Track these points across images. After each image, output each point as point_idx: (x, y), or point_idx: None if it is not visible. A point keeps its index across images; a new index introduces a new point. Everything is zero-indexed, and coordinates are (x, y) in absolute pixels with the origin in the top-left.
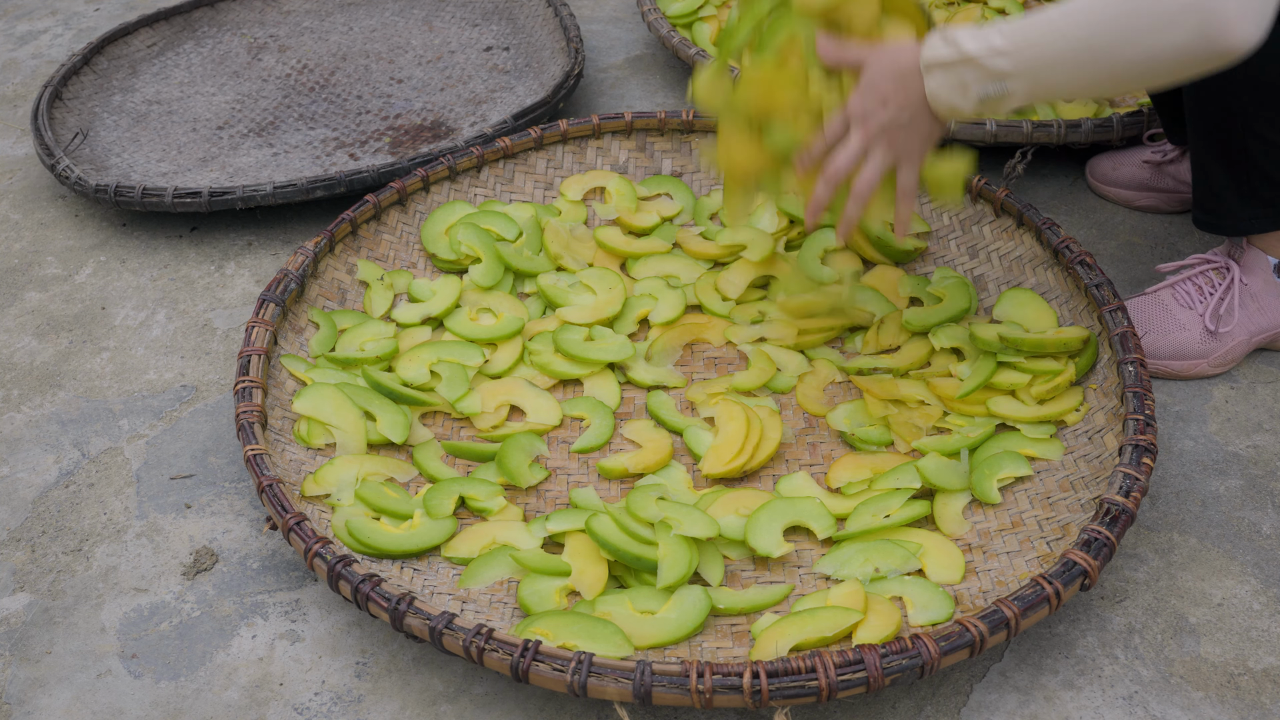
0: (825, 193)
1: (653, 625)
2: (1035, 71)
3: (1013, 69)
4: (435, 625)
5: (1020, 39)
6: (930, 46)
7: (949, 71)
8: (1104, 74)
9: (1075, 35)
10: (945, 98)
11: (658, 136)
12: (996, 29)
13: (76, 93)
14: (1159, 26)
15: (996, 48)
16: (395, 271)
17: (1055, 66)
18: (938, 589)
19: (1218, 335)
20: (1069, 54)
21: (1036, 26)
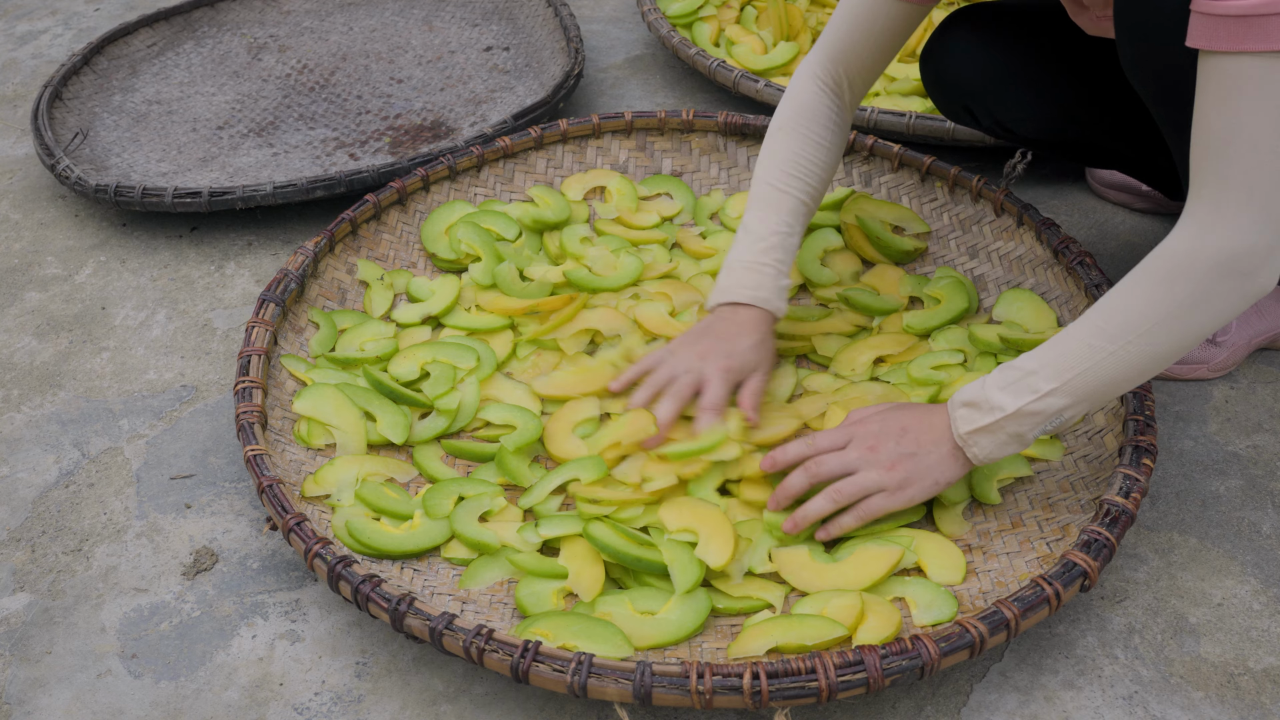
0: (800, 485)
1: (653, 626)
2: (1091, 392)
3: (1070, 400)
4: (435, 626)
5: (1063, 371)
6: (962, 419)
7: (994, 432)
8: (1157, 363)
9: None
10: (1001, 453)
11: (658, 136)
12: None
13: (76, 93)
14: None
15: (1043, 390)
16: (395, 271)
17: (1116, 382)
18: (940, 589)
19: (1216, 341)
20: (1129, 369)
21: (1075, 354)
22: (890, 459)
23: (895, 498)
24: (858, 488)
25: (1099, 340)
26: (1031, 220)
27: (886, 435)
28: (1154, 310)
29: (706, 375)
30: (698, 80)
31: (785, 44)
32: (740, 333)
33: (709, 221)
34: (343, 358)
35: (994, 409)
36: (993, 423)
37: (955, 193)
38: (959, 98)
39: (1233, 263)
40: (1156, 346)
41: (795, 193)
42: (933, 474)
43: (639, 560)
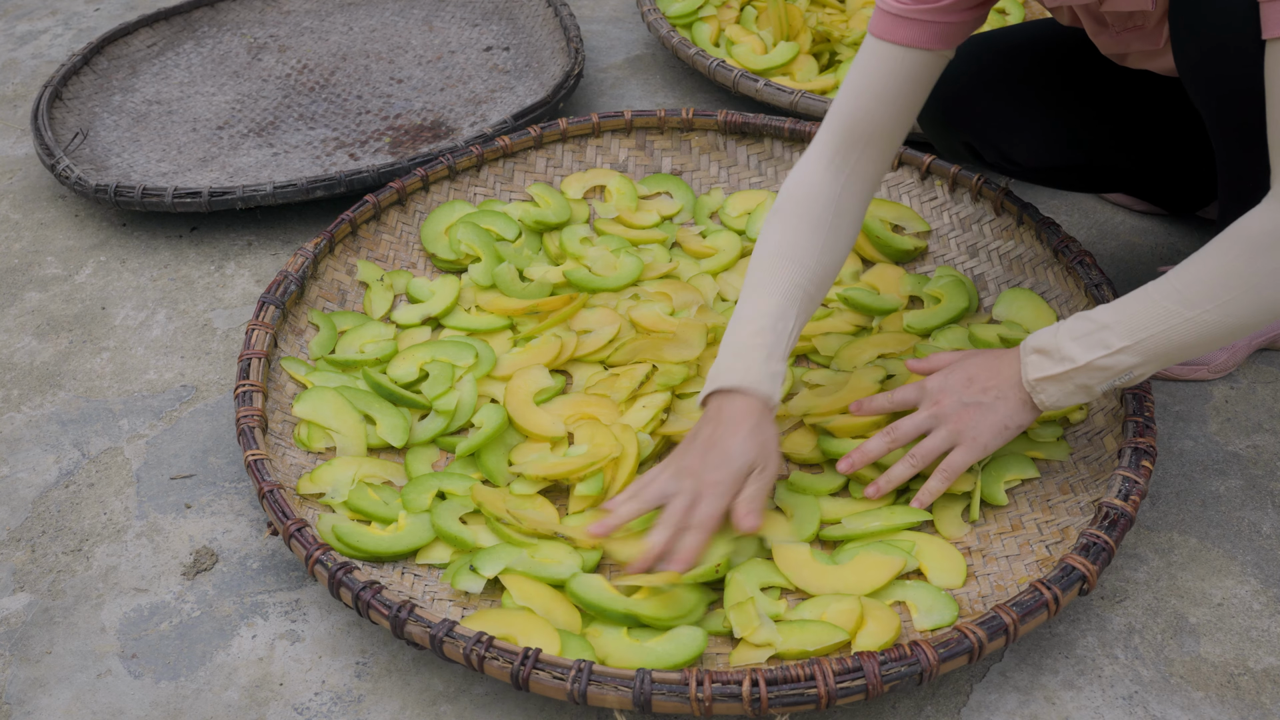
0: (879, 449)
1: (638, 653)
2: (1161, 353)
3: (1139, 359)
4: (436, 633)
5: (1137, 329)
6: (1033, 365)
7: (1063, 381)
8: (1225, 335)
9: (1193, 314)
10: (1068, 401)
11: (657, 135)
12: (1100, 326)
13: (76, 93)
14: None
15: (1114, 346)
16: (395, 272)
17: (1179, 345)
18: (940, 593)
19: None
20: (1191, 331)
21: (1150, 313)
22: (957, 409)
23: (970, 450)
24: (931, 450)
25: (1176, 305)
26: (1031, 220)
27: (952, 389)
28: (1234, 281)
29: (700, 493)
30: (698, 80)
31: (785, 44)
32: (729, 432)
33: (709, 220)
34: (342, 360)
35: (1065, 359)
36: (1063, 372)
37: (955, 192)
38: (958, 133)
39: None
40: (1231, 318)
41: (788, 276)
42: (1002, 420)
43: (628, 616)
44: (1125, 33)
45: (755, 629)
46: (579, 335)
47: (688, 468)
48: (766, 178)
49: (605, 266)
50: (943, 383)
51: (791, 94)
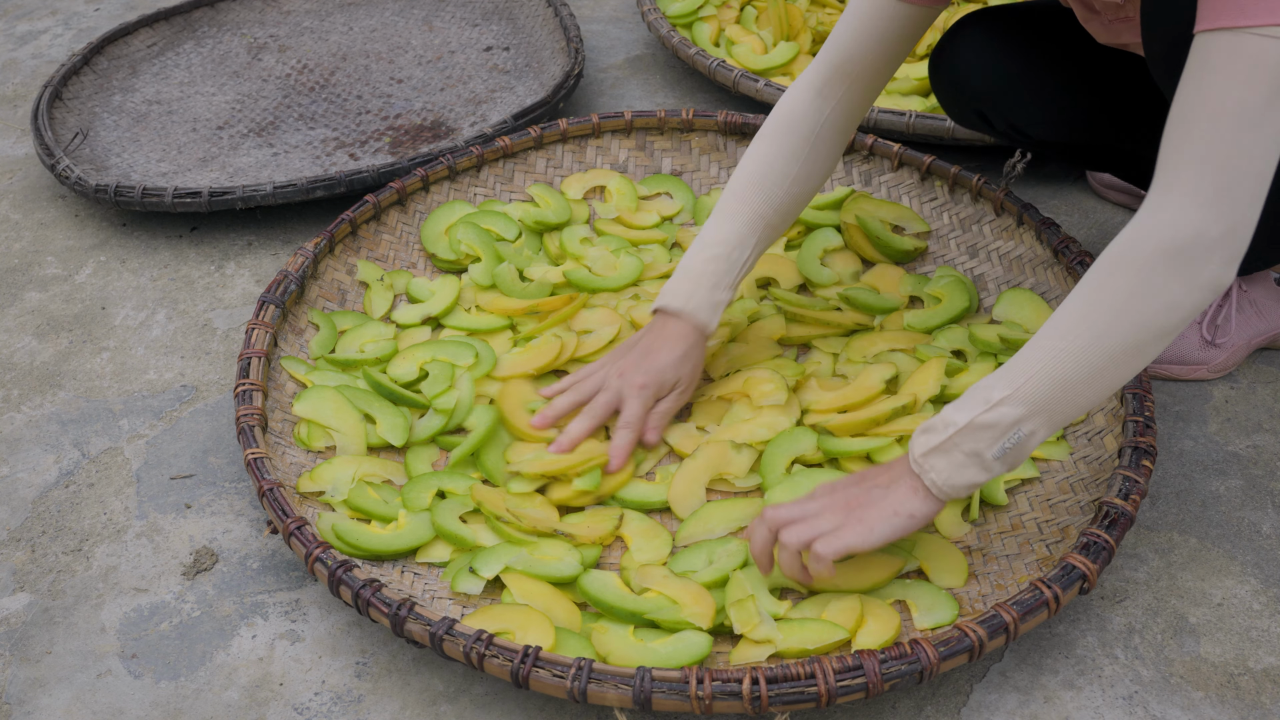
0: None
1: (639, 653)
2: (1051, 400)
3: (1025, 409)
4: (436, 631)
5: (1017, 378)
6: (919, 444)
7: (948, 451)
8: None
9: (1082, 348)
10: (960, 478)
11: (657, 135)
12: (984, 386)
13: (76, 93)
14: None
15: (996, 399)
16: (395, 272)
17: (1071, 385)
18: (941, 592)
19: (1215, 344)
20: (1081, 368)
21: (1030, 358)
22: (845, 501)
23: (853, 532)
24: (809, 531)
25: (1051, 339)
26: (1031, 220)
27: (842, 485)
28: (1100, 303)
29: (625, 393)
30: (698, 80)
31: (785, 44)
32: (664, 347)
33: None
34: (342, 359)
35: (947, 425)
36: (944, 440)
37: (955, 192)
38: (971, 101)
39: (1175, 251)
40: (1107, 342)
41: (755, 204)
42: (892, 506)
43: (635, 615)
44: (1115, 22)
45: (755, 626)
46: (579, 335)
47: (621, 368)
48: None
49: (605, 267)
50: (832, 485)
51: None
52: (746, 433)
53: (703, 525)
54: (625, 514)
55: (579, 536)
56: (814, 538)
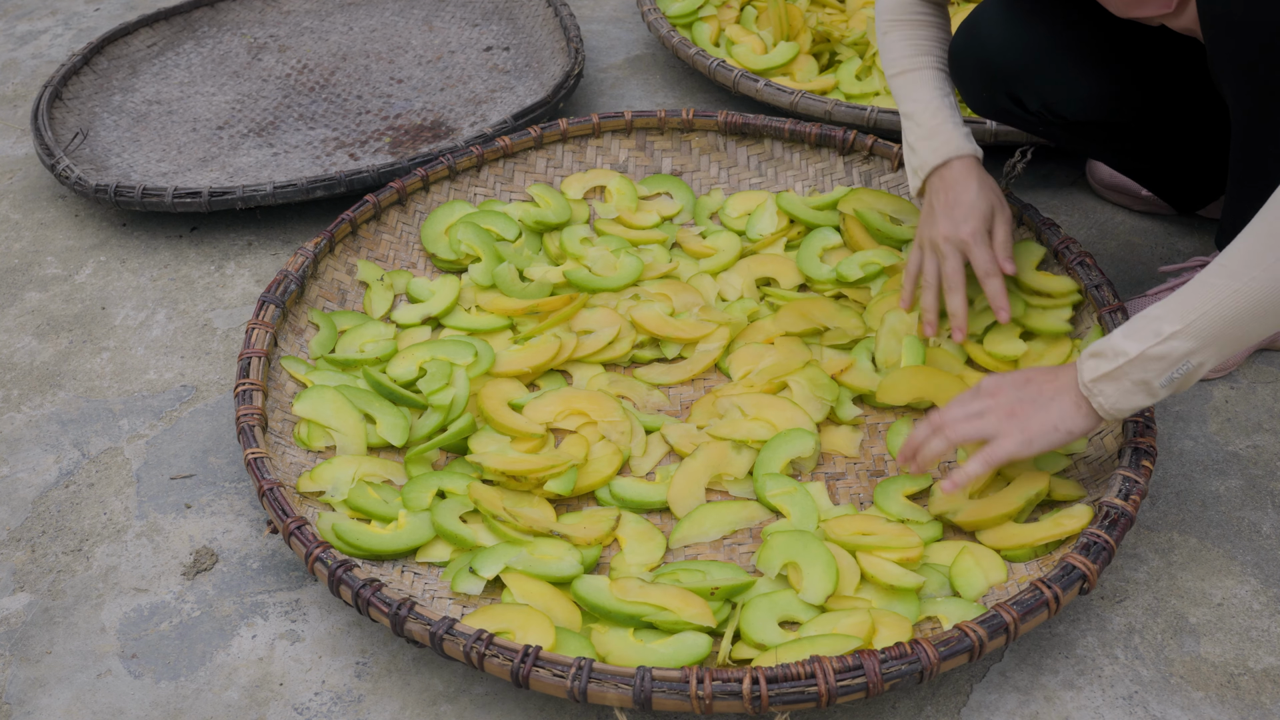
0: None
1: (639, 653)
2: (1219, 335)
3: (1196, 344)
4: (436, 631)
5: (1188, 313)
6: (1088, 368)
7: (1117, 378)
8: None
9: (1246, 287)
10: (1128, 403)
11: (658, 136)
12: (1151, 318)
13: (76, 93)
14: None
15: (1166, 333)
16: (395, 272)
17: (1237, 323)
18: (973, 605)
19: None
20: (1248, 305)
21: (1201, 295)
22: (1010, 405)
23: (1012, 441)
24: (976, 431)
25: (1222, 279)
26: (1031, 220)
27: (1009, 385)
28: (1276, 243)
29: (964, 248)
30: (698, 80)
31: (785, 44)
32: (960, 189)
33: (709, 221)
34: (342, 359)
35: (1118, 354)
36: (1116, 369)
37: None
38: (1002, 84)
39: None
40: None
41: (929, 65)
42: (1053, 420)
43: (634, 619)
44: (1133, 2)
45: None
46: (579, 335)
47: (940, 233)
48: (766, 178)
49: (605, 267)
50: (998, 381)
51: (791, 94)
52: (745, 431)
53: (697, 528)
54: (623, 515)
55: (575, 537)
56: (978, 438)
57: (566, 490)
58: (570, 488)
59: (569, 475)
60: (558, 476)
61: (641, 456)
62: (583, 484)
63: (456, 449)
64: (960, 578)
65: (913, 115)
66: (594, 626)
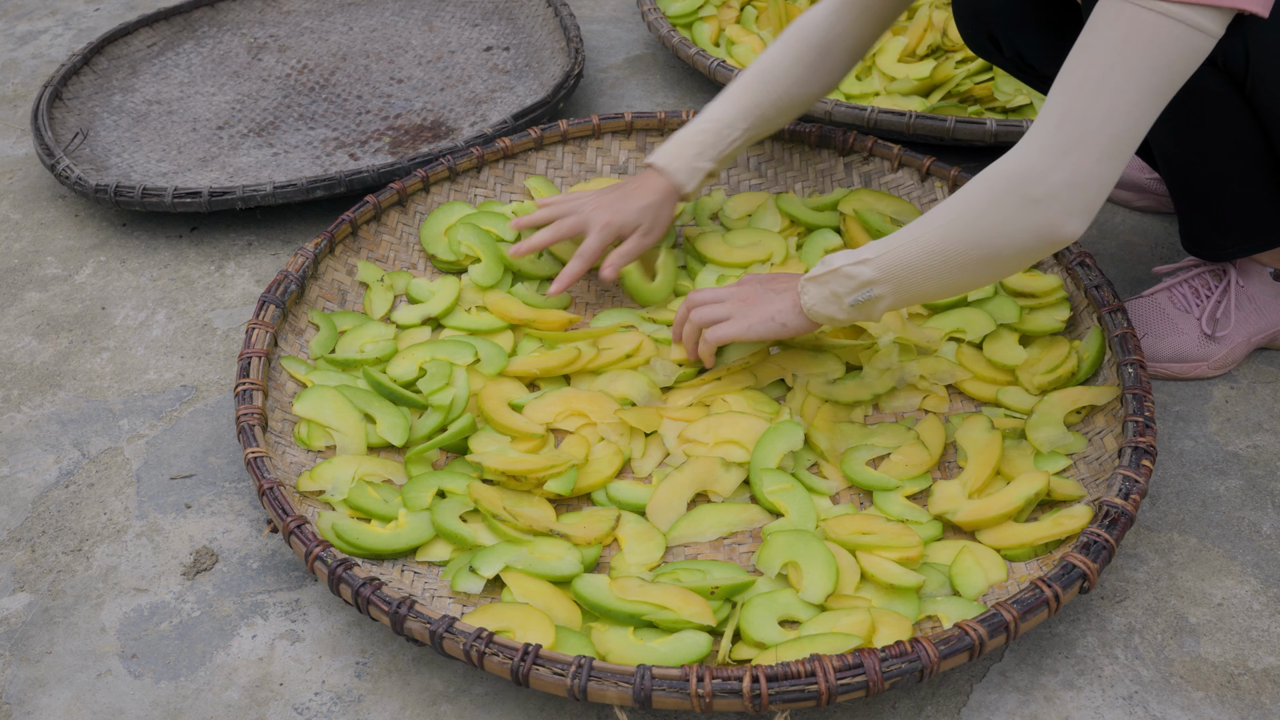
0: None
1: (640, 652)
2: (897, 276)
3: (876, 275)
4: (436, 629)
5: (883, 248)
6: (812, 270)
7: (820, 283)
8: (957, 273)
9: (930, 243)
10: (821, 308)
11: (658, 137)
12: (865, 246)
13: (76, 93)
14: (998, 230)
15: (861, 258)
16: (395, 273)
17: (915, 270)
18: (973, 605)
19: (1216, 338)
20: (925, 260)
21: (899, 237)
22: (747, 294)
23: (735, 325)
24: (710, 314)
25: (913, 228)
26: None
27: (756, 279)
28: (963, 208)
29: (590, 224)
30: (698, 80)
31: None
32: (639, 194)
33: (710, 221)
34: (342, 359)
35: (826, 264)
36: (820, 274)
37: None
38: (985, 22)
39: (1017, 182)
40: (950, 241)
41: (755, 94)
42: (772, 311)
43: (633, 617)
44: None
45: None
46: (599, 349)
47: (597, 203)
48: (766, 179)
49: None
50: (752, 276)
51: None
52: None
53: (693, 527)
54: (622, 515)
55: (574, 537)
56: (712, 321)
57: (566, 490)
58: (570, 488)
59: (569, 475)
60: (558, 476)
61: (641, 458)
62: (583, 484)
63: (456, 449)
64: (960, 577)
65: (700, 116)
66: (594, 625)
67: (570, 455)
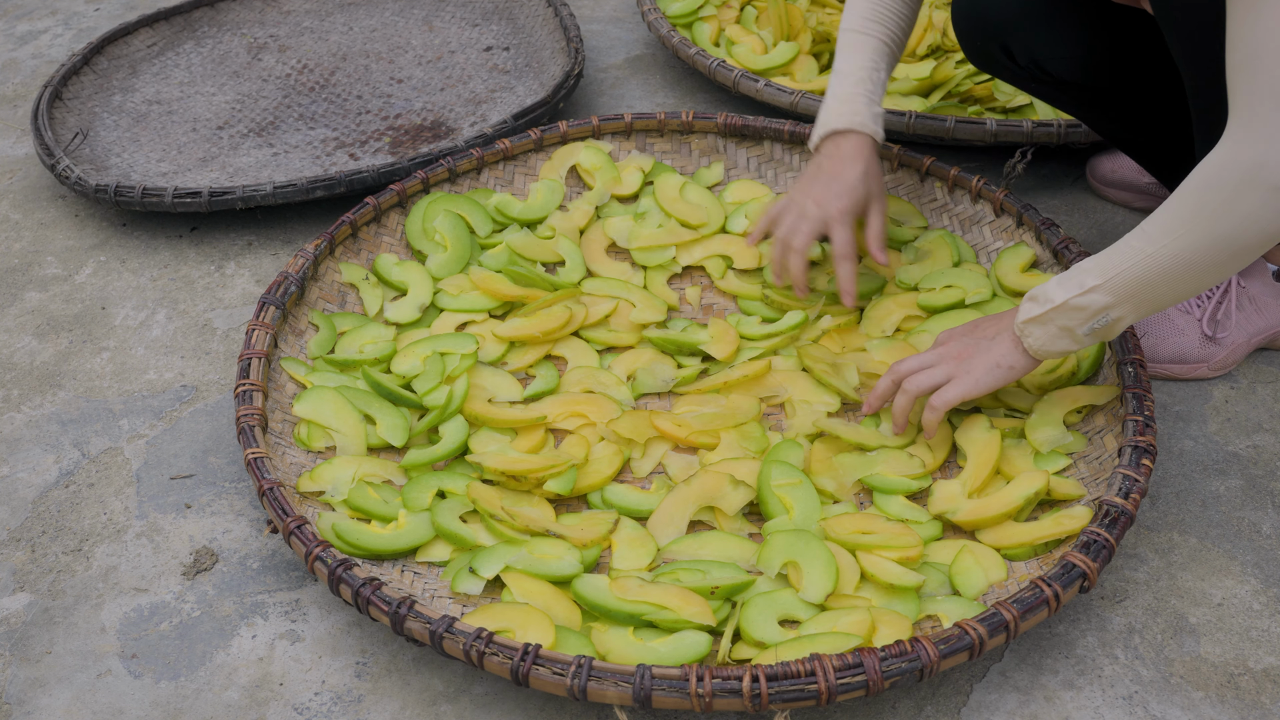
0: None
1: (639, 651)
2: (1134, 294)
3: (1113, 299)
4: (436, 629)
5: (1109, 270)
6: (1023, 310)
7: (1044, 323)
8: (1200, 274)
9: (1161, 253)
10: (1051, 346)
11: (657, 137)
12: (1081, 271)
13: (76, 93)
14: (1240, 226)
15: (1088, 285)
16: (379, 268)
17: (1151, 284)
18: (973, 604)
19: (1216, 340)
20: (1161, 270)
21: (1122, 254)
22: (958, 350)
23: (961, 385)
24: (929, 380)
25: (1140, 242)
26: (1031, 220)
27: (958, 334)
28: (1189, 215)
29: (829, 220)
30: (698, 80)
31: (785, 44)
32: (847, 166)
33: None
34: (340, 359)
35: (1046, 300)
36: (1043, 313)
37: (955, 193)
38: (995, 34)
39: (1254, 170)
40: (1188, 251)
41: (875, 35)
42: (994, 359)
43: (633, 617)
44: None
45: None
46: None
47: (815, 197)
48: (766, 180)
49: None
50: (949, 332)
51: (792, 94)
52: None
53: (694, 545)
54: (621, 519)
55: (571, 538)
56: (932, 387)
57: (566, 490)
58: (570, 488)
59: (569, 475)
60: (557, 476)
61: (641, 459)
62: (583, 484)
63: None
64: (960, 576)
65: (840, 73)
66: (594, 625)
67: (570, 455)
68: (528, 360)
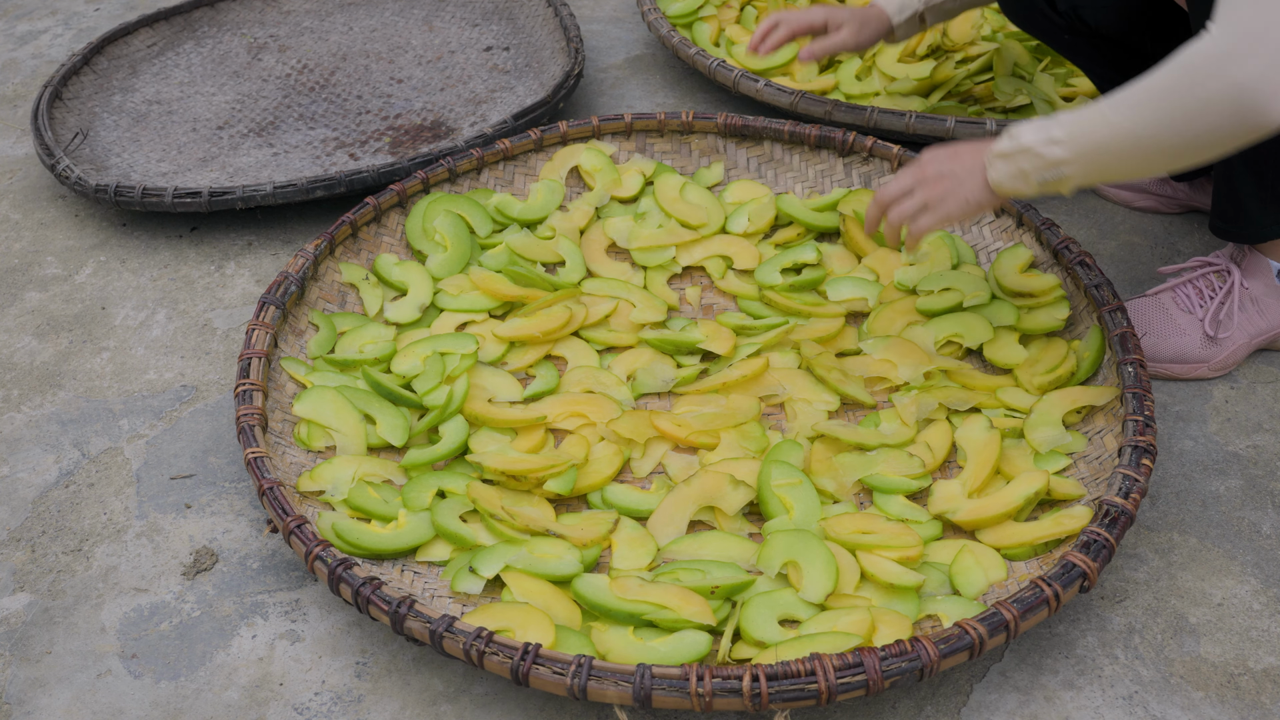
0: (873, 212)
1: (639, 651)
2: (1088, 157)
3: (1068, 155)
4: (436, 629)
5: (1074, 129)
6: (997, 142)
7: (1009, 160)
8: (1151, 155)
9: (1123, 124)
10: (1008, 184)
11: (657, 137)
12: (1054, 121)
13: (76, 93)
14: (1198, 112)
15: (1053, 137)
16: (379, 267)
17: (1106, 151)
18: (973, 603)
19: (1217, 340)
20: (1118, 140)
21: (1088, 117)
22: (935, 177)
23: (935, 214)
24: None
25: (1106, 109)
26: (1031, 221)
27: (941, 157)
28: (1155, 94)
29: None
30: (698, 80)
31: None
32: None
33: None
34: (340, 359)
35: (1015, 139)
36: (1010, 151)
37: None
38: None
39: (1217, 62)
40: (1142, 127)
41: None
42: (963, 194)
43: (633, 616)
44: None
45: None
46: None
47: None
48: (766, 180)
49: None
50: (934, 155)
51: (791, 94)
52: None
53: (694, 545)
54: (621, 519)
55: (571, 538)
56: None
57: (566, 490)
58: (570, 487)
59: (569, 475)
60: (557, 476)
61: (641, 459)
62: (583, 484)
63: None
64: (960, 576)
65: None
66: (594, 625)
67: (570, 455)
68: (528, 360)
